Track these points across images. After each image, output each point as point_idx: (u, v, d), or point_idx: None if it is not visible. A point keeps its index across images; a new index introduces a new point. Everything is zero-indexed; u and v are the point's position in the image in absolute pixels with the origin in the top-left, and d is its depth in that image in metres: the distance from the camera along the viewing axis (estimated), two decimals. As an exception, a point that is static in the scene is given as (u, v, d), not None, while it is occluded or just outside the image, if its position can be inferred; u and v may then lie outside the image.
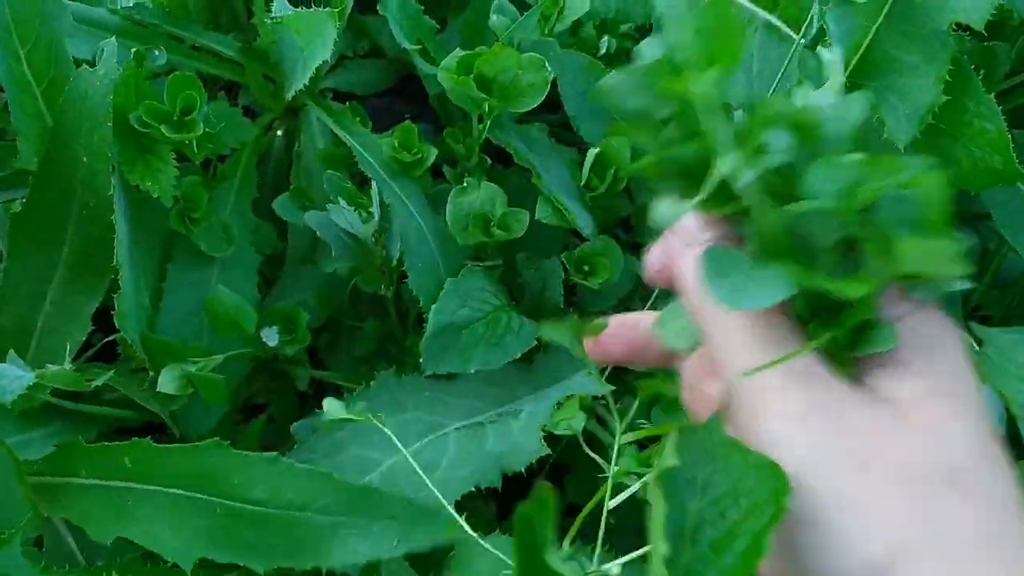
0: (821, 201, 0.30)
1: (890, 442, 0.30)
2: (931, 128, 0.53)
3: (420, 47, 0.68)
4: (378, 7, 0.67)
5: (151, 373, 0.61)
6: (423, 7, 0.73)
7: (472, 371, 0.59)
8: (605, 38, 0.72)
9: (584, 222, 0.65)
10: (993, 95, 0.64)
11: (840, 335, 0.32)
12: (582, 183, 0.64)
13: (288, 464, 0.53)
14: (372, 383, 0.61)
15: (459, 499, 0.55)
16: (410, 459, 0.55)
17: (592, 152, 0.64)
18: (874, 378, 0.32)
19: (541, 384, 0.62)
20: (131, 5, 0.66)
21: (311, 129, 0.72)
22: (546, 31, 0.70)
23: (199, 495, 0.53)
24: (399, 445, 0.54)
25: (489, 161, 0.70)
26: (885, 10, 0.52)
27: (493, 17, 0.68)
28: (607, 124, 0.67)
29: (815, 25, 0.57)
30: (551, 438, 0.57)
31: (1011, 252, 0.63)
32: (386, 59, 0.78)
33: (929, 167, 0.30)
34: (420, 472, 0.53)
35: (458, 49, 0.65)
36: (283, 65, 0.67)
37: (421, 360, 0.58)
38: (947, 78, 0.52)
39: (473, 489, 0.56)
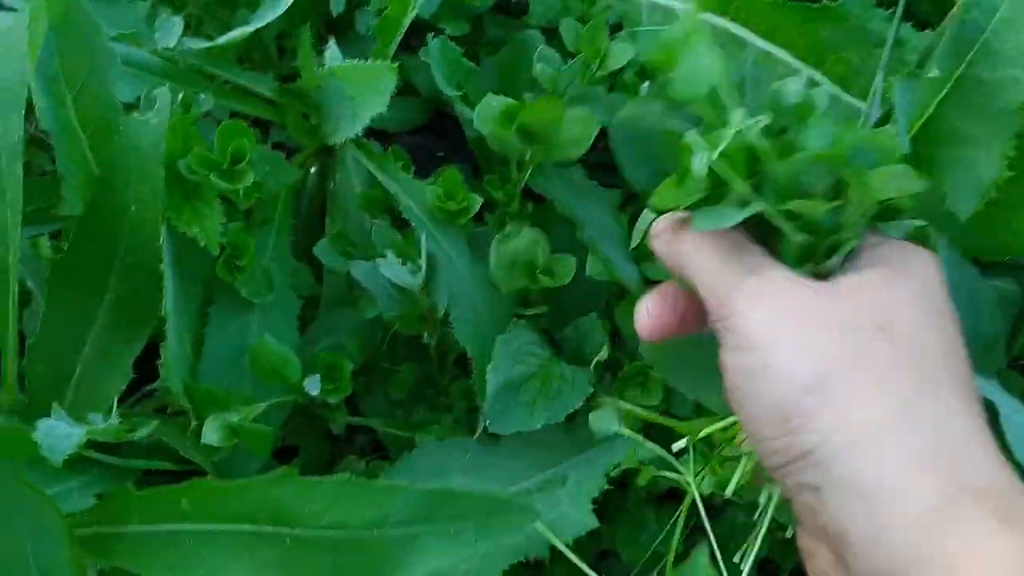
0: (817, 149, 0.42)
1: (828, 307, 0.40)
2: (992, 199, 0.54)
3: (462, 92, 0.67)
4: (420, 53, 0.67)
5: (194, 422, 0.61)
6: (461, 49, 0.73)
7: (537, 426, 0.59)
8: (646, 84, 0.72)
9: (629, 274, 0.65)
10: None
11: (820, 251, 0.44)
12: (631, 247, 0.65)
13: (361, 483, 0.51)
14: (414, 451, 0.61)
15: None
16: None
17: (646, 217, 0.64)
18: (838, 278, 0.42)
19: (586, 445, 0.62)
20: (173, 46, 0.64)
21: (347, 169, 0.71)
22: (587, 78, 0.69)
23: (267, 528, 0.51)
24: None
25: (530, 206, 0.70)
26: (951, 83, 0.53)
27: (537, 67, 0.68)
28: (656, 170, 0.67)
29: (878, 97, 0.58)
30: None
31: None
32: (420, 97, 0.78)
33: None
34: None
35: (499, 97, 0.65)
36: (326, 108, 0.66)
37: (487, 423, 0.58)
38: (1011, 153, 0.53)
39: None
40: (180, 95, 0.60)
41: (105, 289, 0.60)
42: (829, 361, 0.38)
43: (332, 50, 0.62)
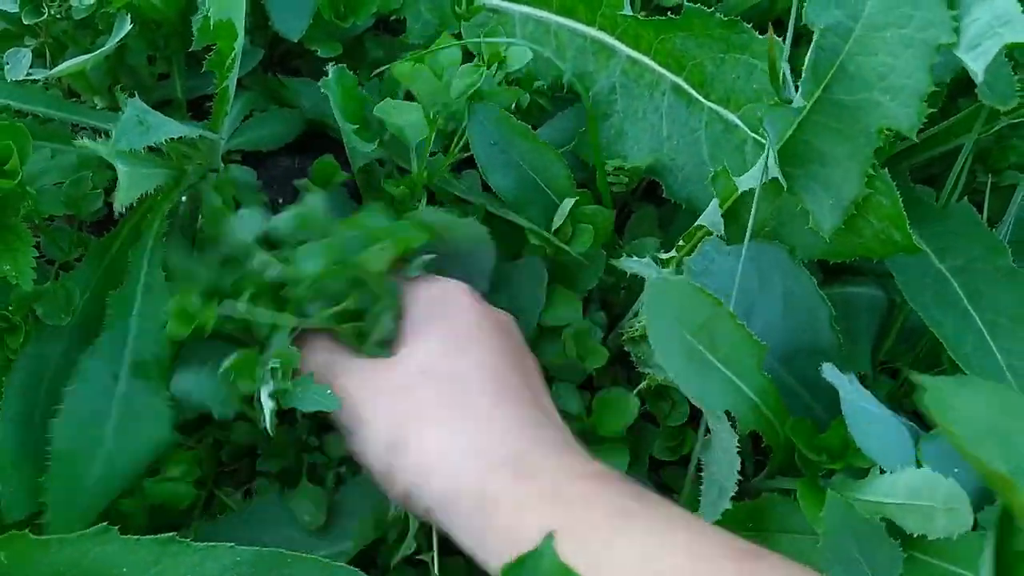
0: (313, 273, 0.57)
1: (387, 369, 0.54)
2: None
3: (357, 126, 0.66)
4: (321, 86, 0.65)
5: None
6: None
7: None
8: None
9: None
10: (897, 152, 0.67)
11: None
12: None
13: (183, 543, 0.49)
14: (257, 499, 0.64)
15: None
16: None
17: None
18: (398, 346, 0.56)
19: None
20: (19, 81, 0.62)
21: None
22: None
23: (83, 590, 0.50)
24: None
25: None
26: (811, 105, 0.54)
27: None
28: (518, 177, 0.67)
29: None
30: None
31: (916, 308, 0.64)
32: (292, 110, 0.76)
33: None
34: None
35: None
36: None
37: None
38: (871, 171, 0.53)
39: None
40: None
41: None
42: (396, 414, 0.52)
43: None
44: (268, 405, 0.54)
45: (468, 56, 0.69)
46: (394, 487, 0.51)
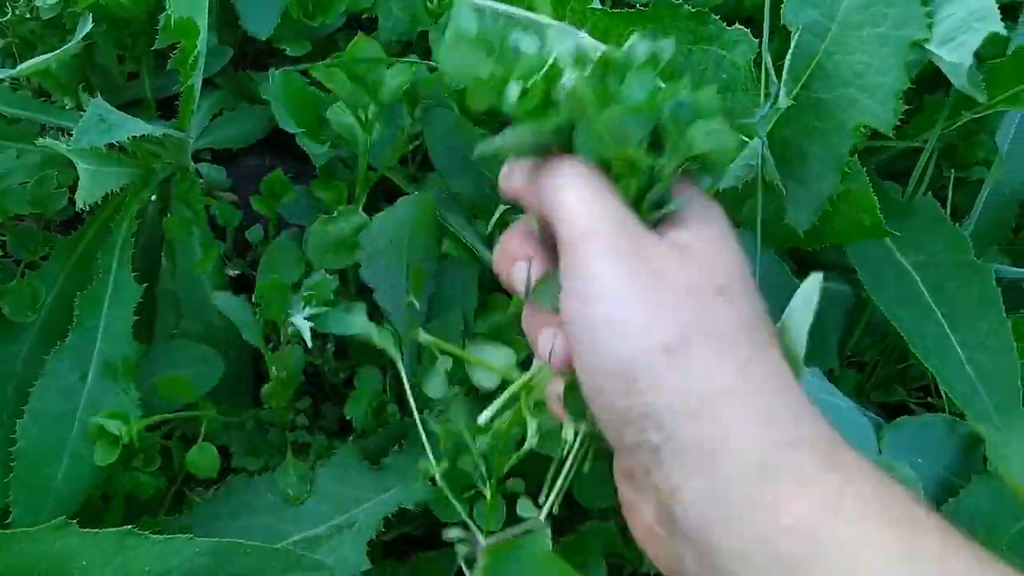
0: (636, 101, 0.42)
1: (676, 269, 0.40)
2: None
3: (305, 129, 0.66)
4: (260, 92, 0.66)
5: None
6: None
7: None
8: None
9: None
10: (864, 147, 0.67)
11: (648, 203, 0.44)
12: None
13: (143, 535, 0.49)
14: (221, 488, 0.62)
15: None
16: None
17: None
18: (667, 231, 0.42)
19: (390, 485, 0.62)
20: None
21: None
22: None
23: (44, 583, 0.49)
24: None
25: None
26: (790, 102, 0.54)
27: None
28: (476, 179, 0.67)
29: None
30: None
31: (882, 302, 0.65)
32: (260, 106, 0.77)
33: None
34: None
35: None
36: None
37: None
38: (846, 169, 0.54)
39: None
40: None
41: None
42: (681, 325, 0.39)
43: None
44: (305, 327, 0.56)
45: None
46: (629, 394, 0.39)
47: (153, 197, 0.72)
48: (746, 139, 0.57)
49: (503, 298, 0.65)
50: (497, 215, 0.65)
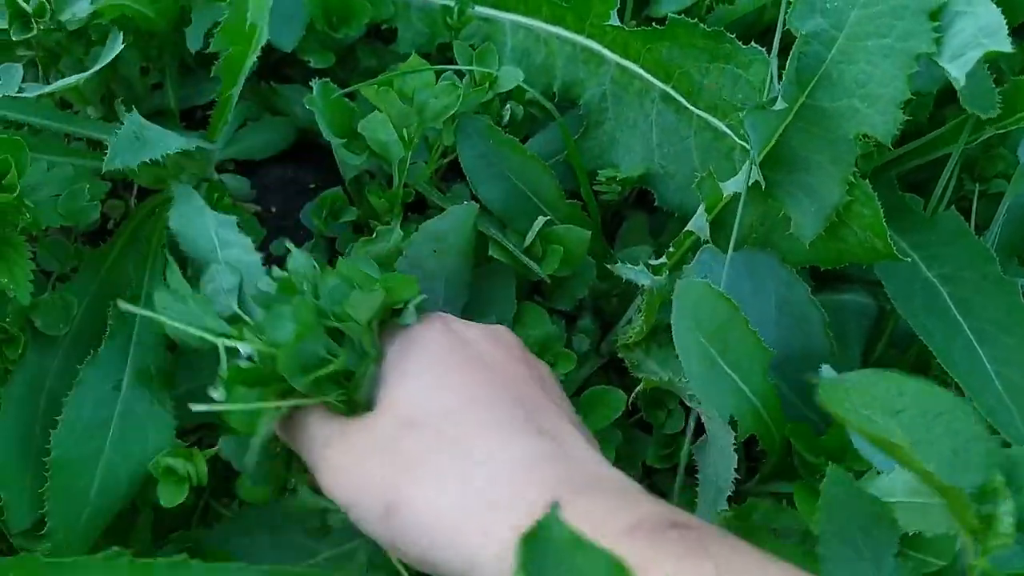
0: (286, 339, 0.49)
1: (369, 427, 0.48)
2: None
3: (344, 141, 0.66)
4: (305, 101, 0.65)
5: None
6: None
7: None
8: (509, 105, 0.72)
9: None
10: (886, 160, 0.68)
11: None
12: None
13: (194, 564, 0.49)
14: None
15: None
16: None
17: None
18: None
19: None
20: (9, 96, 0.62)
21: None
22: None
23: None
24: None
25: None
26: (795, 111, 0.55)
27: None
28: (506, 188, 0.68)
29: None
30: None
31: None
32: (283, 118, 0.77)
33: None
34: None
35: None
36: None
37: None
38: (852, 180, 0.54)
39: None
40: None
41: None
42: (385, 486, 0.45)
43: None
44: None
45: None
46: (407, 556, 0.45)
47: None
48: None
49: (537, 308, 0.66)
50: (538, 226, 0.65)
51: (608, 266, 0.66)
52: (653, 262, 0.64)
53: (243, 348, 0.50)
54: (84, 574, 0.49)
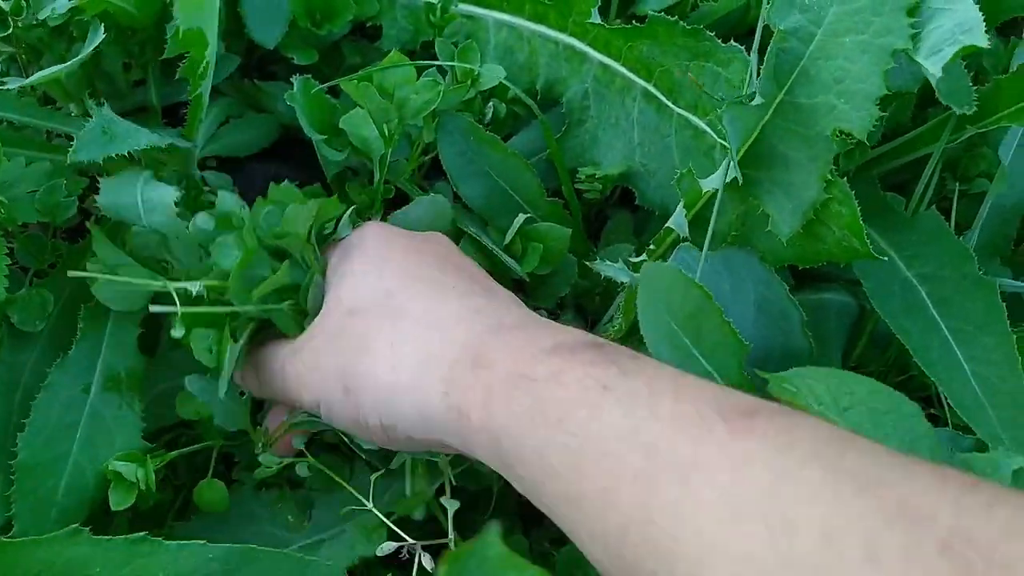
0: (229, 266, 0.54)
1: (319, 329, 0.53)
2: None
3: (325, 137, 0.66)
4: (286, 97, 0.65)
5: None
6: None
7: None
8: (491, 103, 0.72)
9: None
10: (868, 159, 0.68)
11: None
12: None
13: (157, 542, 0.49)
14: None
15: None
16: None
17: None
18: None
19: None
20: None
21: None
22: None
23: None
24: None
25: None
26: (773, 108, 0.55)
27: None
28: (487, 185, 0.67)
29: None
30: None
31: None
32: (267, 114, 0.77)
33: None
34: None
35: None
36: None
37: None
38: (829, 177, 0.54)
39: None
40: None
41: None
42: (341, 373, 0.50)
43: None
44: None
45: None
46: (374, 434, 0.49)
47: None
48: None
49: None
50: (518, 224, 0.65)
51: (588, 264, 0.66)
52: (633, 259, 0.64)
53: (192, 287, 0.53)
54: (47, 550, 0.49)
